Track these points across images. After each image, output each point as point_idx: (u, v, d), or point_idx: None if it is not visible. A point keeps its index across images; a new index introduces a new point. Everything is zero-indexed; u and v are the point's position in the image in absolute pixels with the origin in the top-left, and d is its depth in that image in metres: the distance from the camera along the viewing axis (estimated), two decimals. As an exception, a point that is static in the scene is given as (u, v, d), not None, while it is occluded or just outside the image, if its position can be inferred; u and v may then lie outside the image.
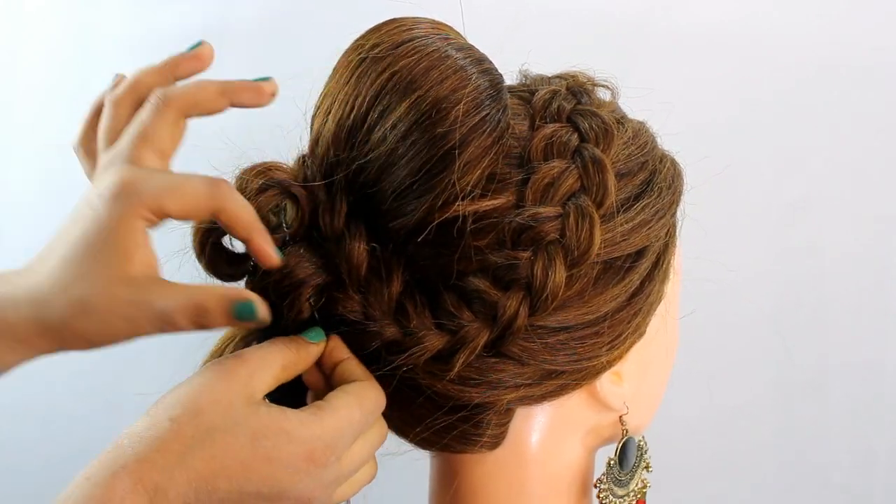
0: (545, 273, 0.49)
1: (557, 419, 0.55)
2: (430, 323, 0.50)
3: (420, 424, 0.53)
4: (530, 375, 0.51)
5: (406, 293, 0.50)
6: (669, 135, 0.60)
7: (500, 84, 0.49)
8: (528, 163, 0.51)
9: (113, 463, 0.43)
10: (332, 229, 0.50)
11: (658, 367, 0.58)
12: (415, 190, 0.48)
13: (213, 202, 0.47)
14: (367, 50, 0.48)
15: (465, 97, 0.47)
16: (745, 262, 1.13)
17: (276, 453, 0.45)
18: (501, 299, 0.49)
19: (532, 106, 0.54)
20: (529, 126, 0.53)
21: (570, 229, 0.49)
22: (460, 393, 0.51)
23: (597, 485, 0.55)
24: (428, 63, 0.47)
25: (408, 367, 0.50)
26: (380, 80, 0.47)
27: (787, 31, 1.14)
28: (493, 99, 0.48)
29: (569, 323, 0.51)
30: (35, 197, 1.33)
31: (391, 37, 0.48)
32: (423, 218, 0.49)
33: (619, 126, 0.55)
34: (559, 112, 0.54)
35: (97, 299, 0.46)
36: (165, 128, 0.50)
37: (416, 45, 0.48)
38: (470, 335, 0.49)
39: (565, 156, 0.52)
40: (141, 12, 1.27)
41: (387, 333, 0.50)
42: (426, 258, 0.50)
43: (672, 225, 0.56)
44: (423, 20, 0.50)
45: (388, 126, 0.47)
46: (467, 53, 0.49)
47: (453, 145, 0.47)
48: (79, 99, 1.25)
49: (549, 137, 0.52)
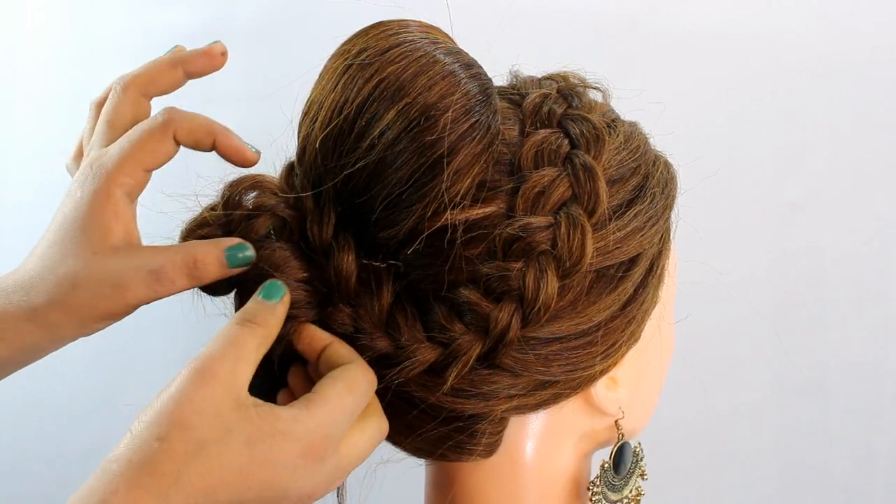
0: (537, 284, 0.48)
1: (552, 426, 0.55)
2: (421, 336, 0.49)
3: (413, 435, 0.52)
4: (524, 386, 0.51)
5: (396, 305, 0.50)
6: (669, 135, 0.60)
7: (489, 89, 0.48)
8: (518, 170, 0.51)
9: (104, 490, 0.41)
10: (320, 240, 0.49)
11: (654, 370, 0.58)
12: (404, 199, 0.47)
13: (169, 128, 0.49)
14: (353, 56, 0.47)
15: (455, 103, 0.46)
16: (744, 262, 1.13)
17: (273, 455, 0.44)
18: (493, 311, 0.48)
19: (522, 110, 0.54)
20: (520, 131, 0.53)
21: (562, 239, 0.49)
22: (453, 404, 0.50)
23: (590, 487, 0.55)
24: (416, 69, 0.46)
25: (400, 380, 0.49)
26: (367, 88, 0.46)
27: (787, 31, 1.14)
28: (482, 104, 0.47)
29: (562, 333, 0.50)
30: (35, 197, 1.33)
31: (378, 42, 0.47)
32: (413, 227, 0.48)
33: (611, 131, 0.54)
34: (550, 116, 0.53)
35: (84, 272, 0.47)
36: (126, 109, 0.52)
37: (404, 51, 0.47)
38: (462, 348, 0.48)
39: (556, 163, 0.51)
40: (141, 13, 1.27)
41: (378, 346, 0.49)
42: (416, 269, 0.50)
43: (666, 230, 0.56)
44: (410, 23, 0.49)
45: (376, 134, 0.46)
46: (456, 58, 0.48)
47: (443, 153, 0.46)
48: (79, 99, 1.26)
49: (539, 144, 0.51)
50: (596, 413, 0.55)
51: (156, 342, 1.24)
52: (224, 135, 0.51)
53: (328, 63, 0.49)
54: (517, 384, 0.50)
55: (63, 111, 1.26)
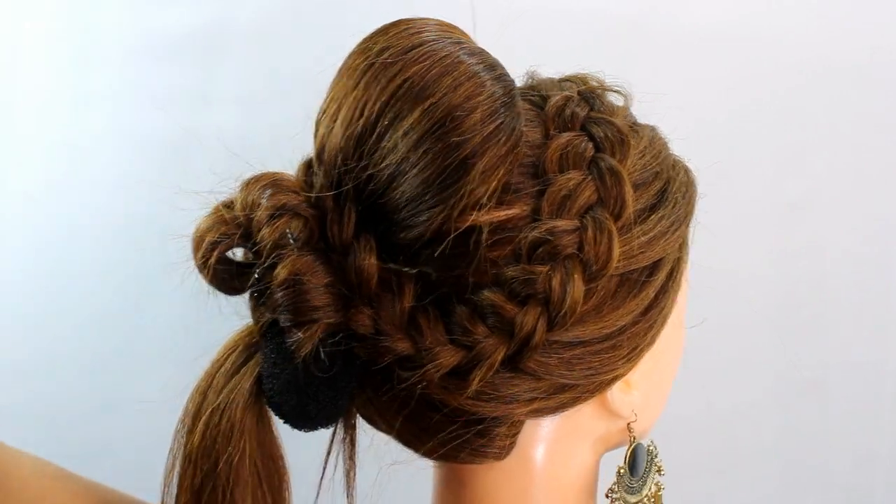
0: (563, 288, 0.48)
1: (566, 428, 0.55)
2: (443, 338, 0.48)
3: (429, 437, 0.52)
4: (545, 389, 0.50)
5: (418, 307, 0.49)
6: (668, 135, 0.60)
7: (513, 91, 0.48)
8: (543, 173, 0.50)
9: None
10: (340, 240, 0.49)
11: (665, 372, 0.58)
12: (427, 200, 0.47)
13: None
14: (375, 54, 0.47)
15: (481, 105, 0.46)
16: (745, 262, 1.13)
17: None
18: (518, 315, 0.48)
19: (545, 113, 0.53)
20: (542, 134, 0.52)
21: (589, 243, 0.48)
22: (473, 407, 0.50)
23: (608, 495, 0.55)
24: (440, 69, 0.46)
25: (423, 383, 0.49)
26: (391, 87, 0.46)
27: (787, 31, 1.14)
28: (507, 107, 0.47)
29: (585, 337, 0.50)
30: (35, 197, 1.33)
31: (400, 40, 0.47)
32: (437, 229, 0.48)
33: (634, 134, 0.55)
34: (573, 119, 0.53)
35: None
36: None
37: (427, 50, 0.46)
38: (486, 351, 0.48)
39: (581, 166, 0.51)
40: (141, 13, 1.27)
41: (399, 348, 0.48)
42: (439, 270, 0.49)
43: (685, 236, 0.56)
44: (430, 22, 0.49)
45: (399, 134, 0.46)
46: (479, 58, 0.48)
47: (468, 154, 0.46)
48: (79, 99, 1.26)
49: (563, 147, 0.51)
50: (610, 416, 0.55)
51: (157, 344, 1.24)
52: None
53: (348, 60, 0.49)
54: (538, 387, 0.50)
55: (63, 111, 1.26)
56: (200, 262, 0.49)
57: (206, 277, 0.50)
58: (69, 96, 1.26)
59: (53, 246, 1.24)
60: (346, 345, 0.49)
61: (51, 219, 1.25)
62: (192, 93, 1.23)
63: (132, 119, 1.24)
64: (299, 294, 0.47)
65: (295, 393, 0.50)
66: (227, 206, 0.50)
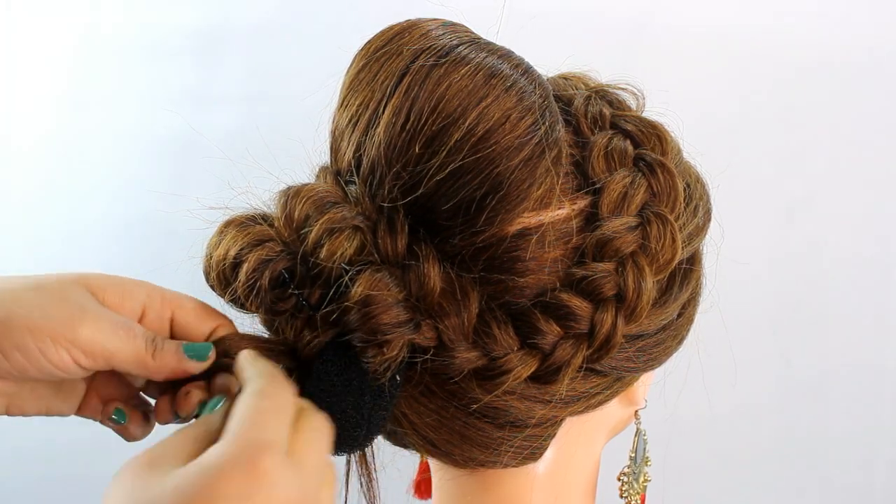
0: (637, 283, 0.48)
1: (594, 420, 0.54)
2: (515, 344, 0.48)
3: (470, 445, 0.50)
4: (607, 385, 0.51)
5: (485, 312, 0.48)
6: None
7: (550, 94, 0.48)
8: (591, 174, 0.50)
9: None
10: (395, 252, 0.47)
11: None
12: (479, 206, 0.46)
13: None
14: (408, 59, 0.46)
15: (526, 111, 0.46)
16: (744, 262, 1.13)
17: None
18: (596, 314, 0.48)
19: (573, 112, 0.53)
20: (573, 132, 0.52)
21: (654, 238, 0.49)
22: (528, 411, 0.49)
23: (620, 478, 0.56)
24: (483, 76, 0.45)
25: (499, 391, 0.48)
26: (437, 94, 0.45)
27: (787, 31, 1.14)
28: (549, 111, 0.47)
29: (646, 330, 0.51)
30: (35, 197, 1.33)
31: (427, 41, 0.46)
32: (492, 234, 0.47)
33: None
34: (601, 117, 0.53)
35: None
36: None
37: (463, 56, 0.46)
38: (567, 353, 0.47)
39: (627, 164, 0.51)
40: (141, 13, 1.27)
41: (468, 358, 0.47)
42: (499, 275, 0.48)
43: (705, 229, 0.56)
44: (442, 22, 0.48)
45: (447, 141, 0.45)
46: (513, 63, 0.47)
47: (517, 160, 0.45)
48: (78, 99, 1.26)
49: (606, 147, 0.51)
50: (628, 404, 0.55)
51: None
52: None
53: (372, 65, 0.48)
54: (601, 384, 0.50)
55: (63, 111, 1.26)
56: (247, 285, 0.46)
57: (253, 300, 0.47)
58: (69, 96, 1.27)
59: (53, 246, 1.24)
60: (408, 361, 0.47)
61: (49, 217, 1.25)
62: (192, 93, 1.23)
63: (132, 119, 1.24)
64: (379, 312, 0.45)
65: (355, 415, 0.47)
66: (255, 220, 0.48)
